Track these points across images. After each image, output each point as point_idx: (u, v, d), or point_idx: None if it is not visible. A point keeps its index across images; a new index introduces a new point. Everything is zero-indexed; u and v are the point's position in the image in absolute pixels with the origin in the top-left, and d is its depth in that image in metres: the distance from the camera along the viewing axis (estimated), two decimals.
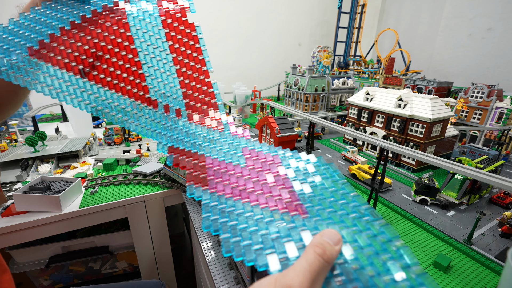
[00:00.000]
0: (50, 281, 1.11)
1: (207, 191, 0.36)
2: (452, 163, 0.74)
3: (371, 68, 2.58)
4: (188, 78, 0.50)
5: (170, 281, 1.21)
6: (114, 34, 0.51)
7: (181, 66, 0.50)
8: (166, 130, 0.46)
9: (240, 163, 0.39)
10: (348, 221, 0.29)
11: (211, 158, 0.41)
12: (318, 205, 0.32)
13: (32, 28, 0.52)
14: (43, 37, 0.50)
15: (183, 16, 0.53)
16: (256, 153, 0.41)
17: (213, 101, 0.49)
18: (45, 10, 0.55)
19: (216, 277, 0.64)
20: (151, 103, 0.48)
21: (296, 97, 2.05)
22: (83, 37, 0.50)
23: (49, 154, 1.19)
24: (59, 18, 0.53)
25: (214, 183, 0.37)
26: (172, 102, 0.49)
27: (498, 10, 2.14)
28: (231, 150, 0.42)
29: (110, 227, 1.21)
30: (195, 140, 0.44)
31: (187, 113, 0.48)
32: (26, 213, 0.85)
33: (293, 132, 0.91)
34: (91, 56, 0.49)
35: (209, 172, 0.38)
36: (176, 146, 0.44)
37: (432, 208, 0.91)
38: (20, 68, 0.48)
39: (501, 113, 1.47)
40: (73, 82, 0.48)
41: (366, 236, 0.27)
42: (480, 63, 2.30)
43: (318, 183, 0.35)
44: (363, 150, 1.46)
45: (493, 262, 0.68)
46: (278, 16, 3.03)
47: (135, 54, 0.50)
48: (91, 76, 0.49)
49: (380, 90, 1.39)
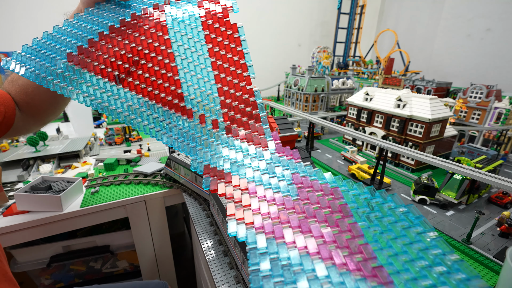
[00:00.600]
0: (51, 280, 1.11)
1: (252, 230, 0.29)
2: (451, 163, 0.74)
3: (371, 68, 2.59)
4: (227, 85, 0.44)
5: (170, 280, 1.22)
6: (151, 37, 0.47)
7: (220, 71, 0.45)
8: (202, 145, 0.41)
9: (292, 194, 0.32)
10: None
11: (255, 184, 0.34)
12: (405, 270, 0.24)
13: (74, 34, 0.51)
14: (82, 43, 0.49)
15: (225, 16, 0.48)
16: (310, 183, 0.34)
17: (255, 112, 0.42)
18: (87, 15, 0.55)
19: (216, 276, 0.65)
20: (186, 112, 0.44)
21: (296, 98, 2.05)
22: (120, 42, 0.48)
23: (50, 154, 1.19)
24: (99, 23, 0.51)
25: (261, 221, 0.30)
26: (209, 112, 0.43)
27: (497, 11, 2.14)
28: (279, 177, 0.35)
29: (110, 227, 1.21)
30: (234, 159, 0.38)
31: (225, 125, 0.42)
32: (27, 213, 0.85)
33: (293, 132, 0.91)
34: (127, 61, 0.47)
35: (253, 203, 0.32)
36: (213, 165, 0.38)
37: (431, 208, 0.92)
38: (65, 77, 0.46)
39: (500, 113, 1.48)
40: (108, 89, 0.45)
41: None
42: (479, 63, 2.31)
43: (399, 234, 0.27)
44: (362, 150, 1.46)
45: (492, 262, 0.68)
46: (278, 16, 3.04)
47: (171, 59, 0.46)
48: (125, 83, 0.46)
49: (379, 90, 1.39)
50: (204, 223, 0.83)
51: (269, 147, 0.39)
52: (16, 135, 0.71)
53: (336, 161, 1.32)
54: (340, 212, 0.30)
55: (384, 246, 0.27)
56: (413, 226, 0.28)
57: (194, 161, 0.39)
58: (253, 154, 0.38)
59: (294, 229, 0.29)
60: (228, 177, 0.36)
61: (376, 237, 0.28)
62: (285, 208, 0.31)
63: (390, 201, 0.31)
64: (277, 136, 0.41)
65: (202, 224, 0.83)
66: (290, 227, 0.29)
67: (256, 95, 0.44)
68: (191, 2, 0.52)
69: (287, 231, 0.28)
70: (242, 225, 0.30)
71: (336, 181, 0.35)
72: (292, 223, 0.29)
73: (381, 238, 0.27)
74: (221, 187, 0.34)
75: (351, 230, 0.28)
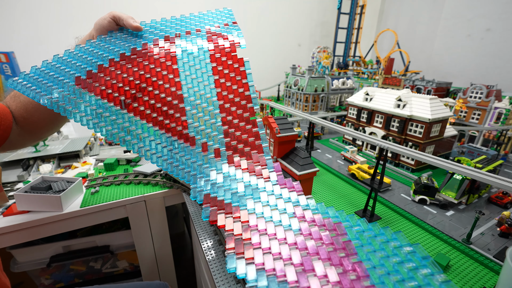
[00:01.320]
0: (51, 280, 1.11)
1: (252, 266, 0.28)
2: (451, 163, 0.74)
3: (371, 68, 2.59)
4: (231, 115, 0.46)
5: (170, 280, 1.22)
6: (160, 66, 0.49)
7: (225, 101, 0.46)
8: (203, 173, 0.41)
9: (293, 229, 0.32)
10: None
11: (256, 216, 0.33)
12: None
13: (84, 59, 0.53)
14: (91, 68, 0.50)
15: (232, 51, 0.50)
16: (312, 216, 0.33)
17: (257, 142, 0.44)
18: (99, 42, 0.57)
19: (216, 276, 0.65)
20: (189, 139, 0.45)
21: (296, 98, 2.05)
22: (129, 69, 0.50)
23: (50, 154, 1.20)
24: (110, 50, 0.53)
25: (261, 256, 0.29)
26: (212, 141, 0.44)
27: (497, 11, 2.14)
28: (280, 210, 0.34)
29: (110, 227, 1.21)
30: (235, 189, 0.38)
31: (227, 155, 0.43)
32: (27, 213, 0.85)
33: (293, 132, 0.91)
34: (134, 87, 0.48)
35: (254, 237, 0.31)
36: (213, 195, 0.38)
37: (431, 208, 0.92)
38: (71, 100, 0.47)
39: (500, 113, 1.48)
40: (112, 114, 0.46)
41: None
42: (479, 63, 2.31)
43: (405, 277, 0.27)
44: (362, 150, 1.46)
45: (492, 262, 0.68)
46: (278, 17, 3.04)
47: (178, 87, 0.48)
48: (131, 108, 0.47)
49: (379, 90, 1.39)
50: (204, 223, 0.83)
51: (270, 179, 0.39)
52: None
53: (336, 161, 1.32)
54: (344, 249, 0.29)
55: None
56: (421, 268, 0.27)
57: (194, 190, 0.39)
58: (254, 185, 0.38)
59: (296, 267, 0.28)
60: (228, 207, 0.35)
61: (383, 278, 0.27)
62: (287, 243, 0.30)
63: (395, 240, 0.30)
64: (279, 167, 0.41)
65: (202, 224, 0.83)
66: (292, 264, 0.28)
67: (259, 126, 0.46)
68: (201, 36, 0.55)
69: (289, 269, 0.27)
70: (242, 261, 0.29)
71: (340, 215, 0.34)
72: (294, 259, 0.28)
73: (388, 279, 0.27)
74: (221, 218, 0.34)
75: (356, 269, 0.27)
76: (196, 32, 0.57)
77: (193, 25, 0.61)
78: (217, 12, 0.68)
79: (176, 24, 0.63)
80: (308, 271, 0.27)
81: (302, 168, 0.79)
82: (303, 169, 0.79)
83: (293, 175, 0.81)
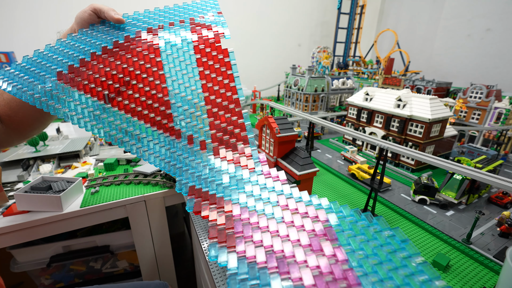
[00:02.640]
0: (51, 280, 1.11)
1: (234, 254, 0.28)
2: (451, 163, 0.74)
3: (371, 68, 2.59)
4: (217, 107, 0.45)
5: (170, 280, 1.22)
6: (143, 59, 0.48)
7: (211, 93, 0.46)
8: (188, 166, 0.41)
9: (276, 217, 0.32)
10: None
11: (239, 206, 0.33)
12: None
13: (65, 54, 0.51)
14: (73, 62, 0.49)
15: (216, 42, 0.50)
16: (295, 204, 0.34)
17: (243, 133, 0.43)
18: (81, 36, 0.55)
19: (216, 276, 0.65)
20: (174, 132, 0.44)
21: (296, 98, 2.05)
22: (112, 62, 0.49)
23: (50, 154, 1.20)
24: (92, 43, 0.52)
25: (243, 244, 0.29)
26: (197, 133, 0.44)
27: (497, 11, 2.14)
28: (264, 198, 0.35)
29: (110, 227, 1.21)
30: (220, 180, 0.38)
31: (213, 146, 0.42)
32: (27, 213, 0.85)
33: (293, 132, 0.91)
34: (117, 81, 0.47)
35: (237, 226, 0.31)
36: (198, 186, 0.38)
37: (431, 208, 0.92)
38: (54, 95, 0.46)
39: (500, 113, 1.48)
40: (96, 108, 0.46)
41: None
42: (479, 63, 2.31)
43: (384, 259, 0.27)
44: (362, 150, 1.46)
45: (492, 262, 0.68)
46: (278, 17, 3.04)
47: (163, 80, 0.47)
48: (115, 102, 0.46)
49: (379, 90, 1.39)
50: (204, 223, 0.83)
51: (255, 169, 0.39)
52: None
53: (336, 161, 1.32)
54: (325, 235, 0.30)
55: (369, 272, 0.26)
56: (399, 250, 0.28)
57: (179, 182, 0.39)
58: (239, 176, 0.38)
59: (277, 254, 0.28)
60: (212, 198, 0.35)
61: (361, 261, 0.27)
62: (269, 231, 0.30)
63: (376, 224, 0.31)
64: (264, 157, 0.41)
65: (202, 224, 0.83)
66: (273, 252, 0.28)
67: (245, 117, 0.45)
68: (185, 27, 0.54)
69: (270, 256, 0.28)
70: (224, 250, 0.29)
71: (322, 203, 0.34)
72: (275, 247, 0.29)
73: (366, 263, 0.27)
74: (205, 209, 0.34)
75: (335, 254, 0.28)
76: (180, 23, 0.55)
77: (177, 16, 0.59)
78: (202, 2, 0.66)
79: (160, 16, 0.61)
80: (288, 257, 0.28)
81: (302, 168, 0.79)
82: (303, 169, 0.79)
83: (293, 175, 0.81)
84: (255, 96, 2.39)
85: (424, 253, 0.72)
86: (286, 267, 0.26)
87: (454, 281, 0.63)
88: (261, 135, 1.25)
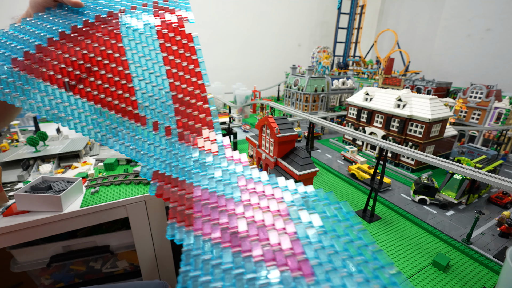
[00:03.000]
0: (51, 280, 1.11)
1: (190, 232, 0.30)
2: (451, 163, 0.74)
3: (371, 68, 2.59)
4: (182, 93, 0.45)
5: (170, 280, 1.22)
6: (104, 45, 0.47)
7: (175, 79, 0.45)
8: (153, 151, 0.41)
9: (234, 197, 0.33)
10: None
11: (201, 188, 0.35)
12: (328, 262, 0.26)
13: (20, 39, 0.49)
14: (29, 48, 0.47)
15: (180, 26, 0.49)
16: (254, 184, 0.35)
17: (208, 118, 0.44)
18: (37, 20, 0.53)
19: None
20: (140, 119, 0.44)
21: (296, 98, 2.05)
22: (71, 48, 0.47)
23: (50, 154, 1.19)
24: (49, 28, 0.50)
25: (200, 223, 0.31)
26: (162, 119, 0.43)
27: (497, 11, 2.15)
28: (224, 180, 0.36)
29: (111, 227, 1.21)
30: (184, 165, 0.38)
31: (177, 132, 0.42)
32: (27, 213, 0.85)
33: (293, 132, 0.91)
34: (78, 68, 0.46)
35: (196, 207, 0.33)
36: (162, 171, 0.38)
37: (431, 208, 0.92)
38: (9, 83, 0.44)
39: (500, 113, 1.48)
40: (57, 96, 0.44)
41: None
42: (479, 63, 2.31)
43: (328, 229, 0.29)
44: (362, 150, 1.46)
45: (492, 262, 0.68)
46: (278, 17, 3.04)
47: (125, 66, 0.46)
48: (76, 90, 0.45)
49: (379, 90, 1.40)
50: None
51: (219, 153, 0.40)
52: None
53: (336, 161, 1.32)
54: (278, 211, 0.32)
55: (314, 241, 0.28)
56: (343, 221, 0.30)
57: (144, 167, 0.39)
58: (202, 160, 0.39)
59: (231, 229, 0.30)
60: (174, 182, 0.36)
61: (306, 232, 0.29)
62: (227, 211, 0.32)
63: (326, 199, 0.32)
64: (228, 141, 0.42)
65: None
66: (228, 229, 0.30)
67: (209, 102, 0.45)
68: (147, 11, 0.52)
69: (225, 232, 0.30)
70: (181, 228, 0.30)
71: (270, 178, 0.36)
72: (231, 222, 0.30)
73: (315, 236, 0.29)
74: (166, 192, 0.35)
75: (286, 228, 0.30)
76: (142, 6, 0.53)
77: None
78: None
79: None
80: (241, 232, 0.29)
81: (302, 168, 0.79)
82: (303, 169, 0.79)
83: (293, 175, 0.81)
84: (255, 96, 2.39)
85: (424, 253, 0.72)
86: (238, 241, 0.28)
87: (454, 281, 0.63)
88: (261, 135, 1.25)
